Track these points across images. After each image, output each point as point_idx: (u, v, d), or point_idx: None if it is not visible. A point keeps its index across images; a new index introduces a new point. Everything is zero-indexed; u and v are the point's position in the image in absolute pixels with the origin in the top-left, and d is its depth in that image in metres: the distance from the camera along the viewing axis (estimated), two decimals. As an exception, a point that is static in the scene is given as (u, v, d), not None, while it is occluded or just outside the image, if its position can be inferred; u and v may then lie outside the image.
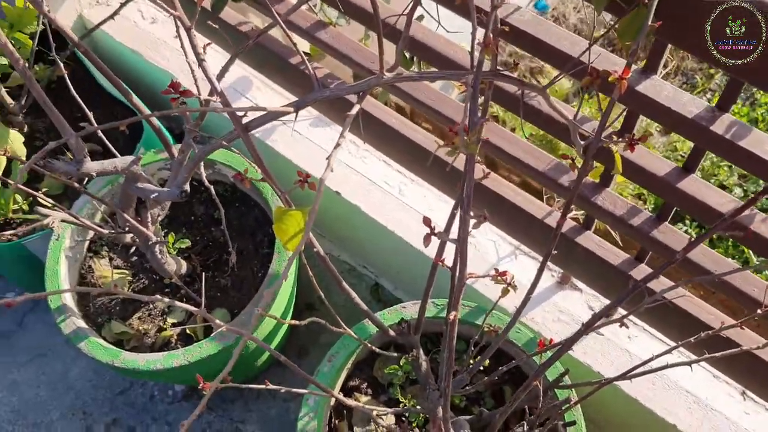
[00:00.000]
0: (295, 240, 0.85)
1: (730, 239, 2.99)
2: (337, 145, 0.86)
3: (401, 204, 1.60)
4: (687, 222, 3.12)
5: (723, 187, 3.52)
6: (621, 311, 1.44)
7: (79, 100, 1.20)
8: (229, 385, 0.98)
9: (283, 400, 1.69)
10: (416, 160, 1.49)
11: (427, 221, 0.74)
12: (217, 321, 0.84)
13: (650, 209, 2.32)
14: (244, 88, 1.78)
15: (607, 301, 1.45)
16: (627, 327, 0.84)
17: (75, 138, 0.93)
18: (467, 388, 1.07)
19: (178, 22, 0.92)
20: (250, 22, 1.57)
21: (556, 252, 0.93)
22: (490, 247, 1.55)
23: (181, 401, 1.68)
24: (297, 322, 0.86)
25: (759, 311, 0.92)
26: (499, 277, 0.80)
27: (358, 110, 0.92)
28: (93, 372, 1.74)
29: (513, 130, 3.74)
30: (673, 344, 0.96)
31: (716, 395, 1.37)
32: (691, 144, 1.08)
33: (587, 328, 0.88)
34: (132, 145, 1.66)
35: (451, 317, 0.75)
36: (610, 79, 0.81)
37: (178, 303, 0.86)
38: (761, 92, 3.37)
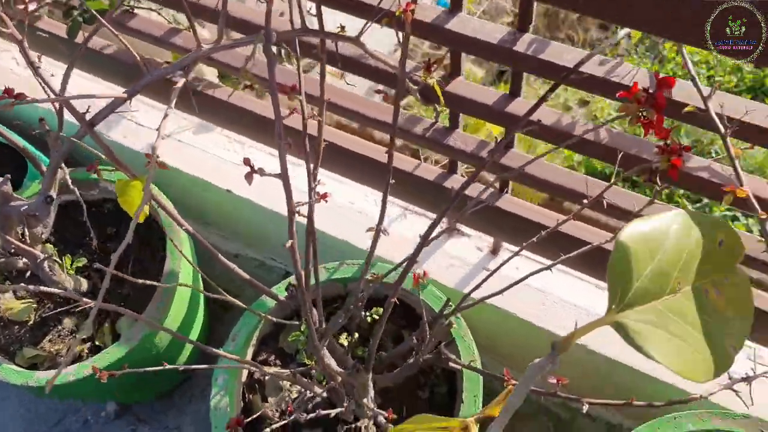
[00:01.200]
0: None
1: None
2: (165, 115, 0.94)
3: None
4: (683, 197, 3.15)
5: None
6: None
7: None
8: (126, 371, 1.04)
9: (215, 399, 1.74)
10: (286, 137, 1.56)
11: (246, 161, 0.82)
12: (132, 305, 0.90)
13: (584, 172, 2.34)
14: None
15: (490, 239, 1.54)
16: (458, 231, 0.93)
17: None
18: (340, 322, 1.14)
19: (14, 41, 0.98)
20: (113, 45, 1.62)
21: (393, 181, 1.02)
22: (377, 210, 1.63)
23: (114, 420, 1.71)
24: (164, 284, 0.92)
25: (585, 201, 1.02)
26: (323, 200, 0.89)
27: (183, 82, 1.00)
28: (25, 409, 1.76)
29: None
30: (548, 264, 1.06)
31: (601, 302, 1.48)
32: (609, 111, 1.17)
33: (425, 239, 0.96)
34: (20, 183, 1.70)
35: (287, 245, 0.83)
36: (397, 13, 0.90)
37: (69, 292, 0.91)
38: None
